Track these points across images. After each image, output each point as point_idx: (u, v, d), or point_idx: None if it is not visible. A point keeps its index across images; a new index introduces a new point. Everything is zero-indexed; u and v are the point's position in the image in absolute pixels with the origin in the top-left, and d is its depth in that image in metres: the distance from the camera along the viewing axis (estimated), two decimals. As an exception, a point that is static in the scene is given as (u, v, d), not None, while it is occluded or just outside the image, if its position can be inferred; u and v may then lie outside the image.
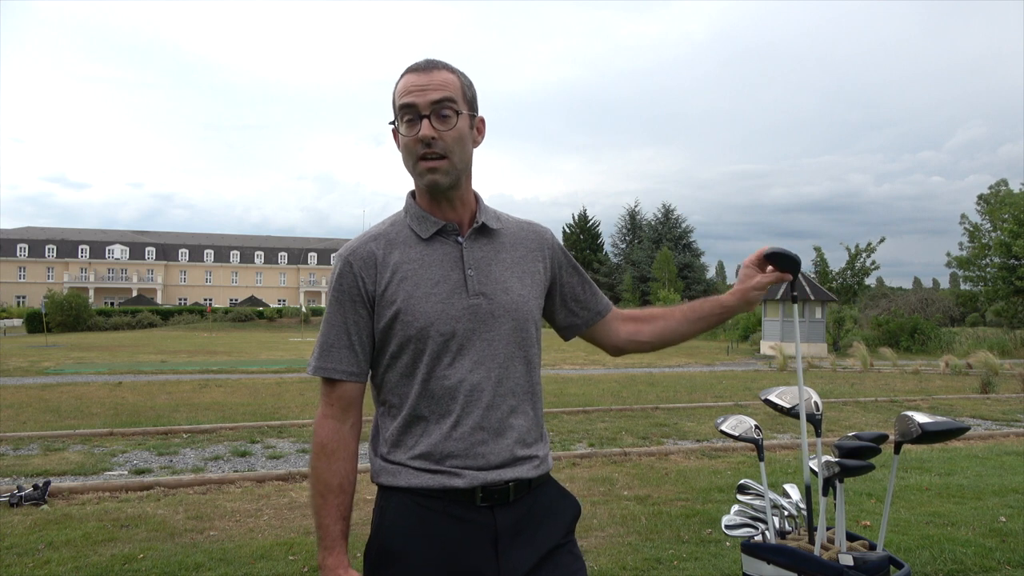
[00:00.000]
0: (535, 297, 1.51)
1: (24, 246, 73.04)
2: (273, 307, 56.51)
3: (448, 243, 1.46)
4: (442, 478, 1.39)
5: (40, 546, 4.01)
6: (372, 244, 1.45)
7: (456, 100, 1.40)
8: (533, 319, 1.49)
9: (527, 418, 1.47)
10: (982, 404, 10.50)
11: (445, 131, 1.38)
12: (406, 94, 1.39)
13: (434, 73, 1.40)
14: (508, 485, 1.41)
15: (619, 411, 9.40)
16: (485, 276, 1.45)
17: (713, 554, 3.91)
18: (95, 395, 10.77)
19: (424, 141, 1.37)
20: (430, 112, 1.37)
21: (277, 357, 19.88)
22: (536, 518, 1.45)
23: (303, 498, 5.08)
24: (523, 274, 1.50)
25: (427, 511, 1.40)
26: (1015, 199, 31.83)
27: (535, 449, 1.48)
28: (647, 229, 56.96)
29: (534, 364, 1.50)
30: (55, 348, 23.32)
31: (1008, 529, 4.31)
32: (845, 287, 31.66)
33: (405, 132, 1.40)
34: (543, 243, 1.57)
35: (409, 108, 1.38)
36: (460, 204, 1.48)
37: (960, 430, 2.21)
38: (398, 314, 1.41)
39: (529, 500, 1.45)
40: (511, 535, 1.41)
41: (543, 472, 1.48)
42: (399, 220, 1.50)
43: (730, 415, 2.75)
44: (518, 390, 1.46)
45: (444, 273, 1.43)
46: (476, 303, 1.42)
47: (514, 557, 1.40)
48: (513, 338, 1.45)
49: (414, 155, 1.40)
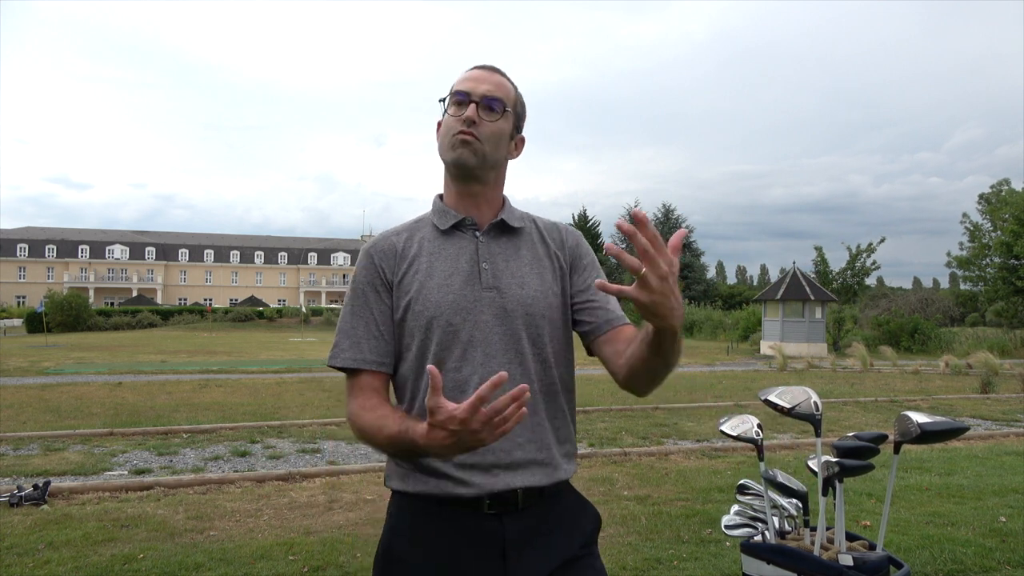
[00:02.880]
0: (555, 294, 1.46)
1: (24, 246, 73.01)
2: (273, 307, 56.48)
3: (466, 236, 1.46)
4: (449, 485, 1.36)
5: (40, 546, 4.01)
6: (394, 238, 1.49)
7: (505, 103, 1.45)
8: (550, 316, 1.44)
9: (543, 419, 1.42)
10: (982, 404, 10.49)
11: (488, 120, 1.42)
12: (463, 82, 1.45)
13: (495, 75, 1.47)
14: (517, 492, 1.36)
15: (619, 411, 9.40)
16: (500, 270, 1.44)
17: (713, 554, 3.91)
18: (95, 395, 10.77)
19: (466, 122, 1.41)
20: (479, 100, 1.42)
21: (277, 357, 19.88)
22: (549, 528, 1.40)
23: (303, 498, 5.08)
24: (543, 270, 1.47)
25: (433, 518, 1.38)
26: (1016, 199, 31.80)
27: (551, 453, 1.42)
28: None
29: (552, 363, 1.44)
30: (55, 348, 23.32)
31: (1008, 529, 4.31)
32: (845, 287, 31.64)
33: (452, 112, 1.44)
34: (564, 242, 1.54)
35: (462, 94, 1.43)
36: (485, 203, 1.49)
37: (960, 430, 2.21)
38: (410, 303, 1.41)
39: (542, 508, 1.40)
40: (520, 545, 1.36)
41: (558, 480, 1.42)
42: (424, 218, 1.53)
43: (733, 415, 2.75)
44: (534, 388, 1.39)
45: (458, 265, 1.43)
46: (489, 296, 1.41)
47: (523, 568, 1.35)
48: (527, 334, 1.41)
49: (452, 132, 1.42)
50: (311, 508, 4.83)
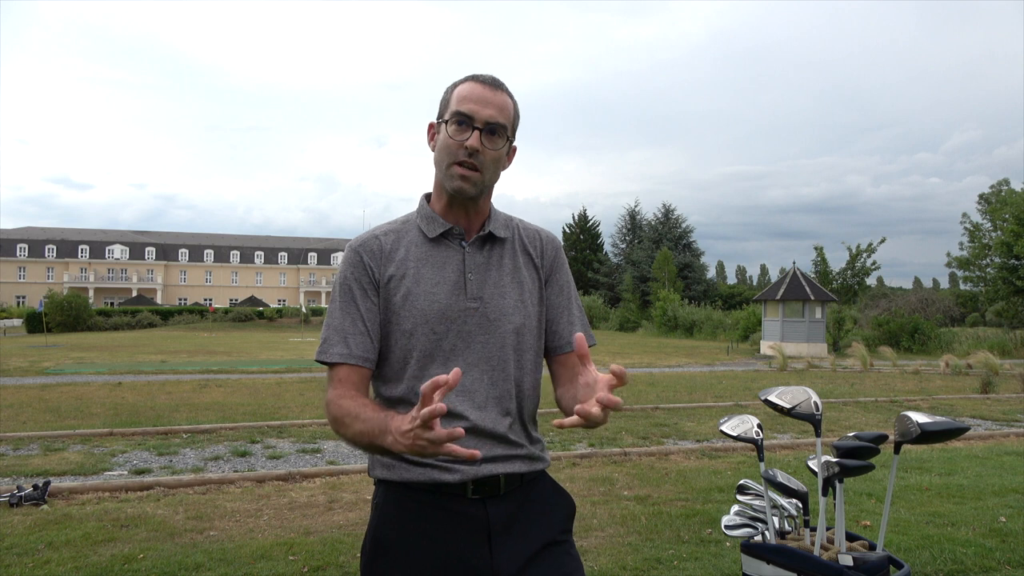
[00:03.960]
0: (533, 304, 1.53)
1: (24, 246, 73.01)
2: (273, 307, 56.46)
3: (452, 246, 1.49)
4: (434, 472, 1.42)
5: (40, 546, 4.00)
6: (382, 237, 1.50)
7: (508, 128, 1.46)
8: (528, 326, 1.51)
9: (520, 423, 1.50)
10: (982, 404, 10.49)
11: (490, 149, 1.43)
12: (467, 101, 1.42)
13: (499, 93, 1.45)
14: (499, 478, 1.44)
15: (619, 411, 9.40)
16: (484, 281, 1.48)
17: (713, 554, 3.91)
18: (95, 395, 10.76)
19: (468, 151, 1.41)
20: (483, 127, 1.41)
21: (277, 357, 19.87)
22: (529, 513, 1.48)
23: (303, 498, 5.08)
24: (523, 280, 1.53)
25: (420, 504, 1.43)
26: (1016, 199, 31.77)
27: (526, 450, 1.50)
28: (647, 229, 56.91)
29: (528, 369, 1.51)
30: (55, 348, 23.31)
31: (1008, 529, 4.31)
32: (845, 287, 31.64)
33: (452, 134, 1.43)
34: (545, 247, 1.59)
35: (465, 116, 1.42)
36: (474, 213, 1.52)
37: (959, 430, 2.21)
38: (397, 309, 1.44)
39: (521, 494, 1.48)
40: (504, 529, 1.43)
41: (536, 468, 1.51)
42: (410, 219, 1.55)
43: (733, 415, 2.75)
44: (512, 394, 1.48)
45: (444, 274, 1.47)
46: (472, 307, 1.46)
47: (507, 550, 1.42)
48: (507, 343, 1.47)
49: (453, 157, 1.43)
50: (311, 508, 4.83)
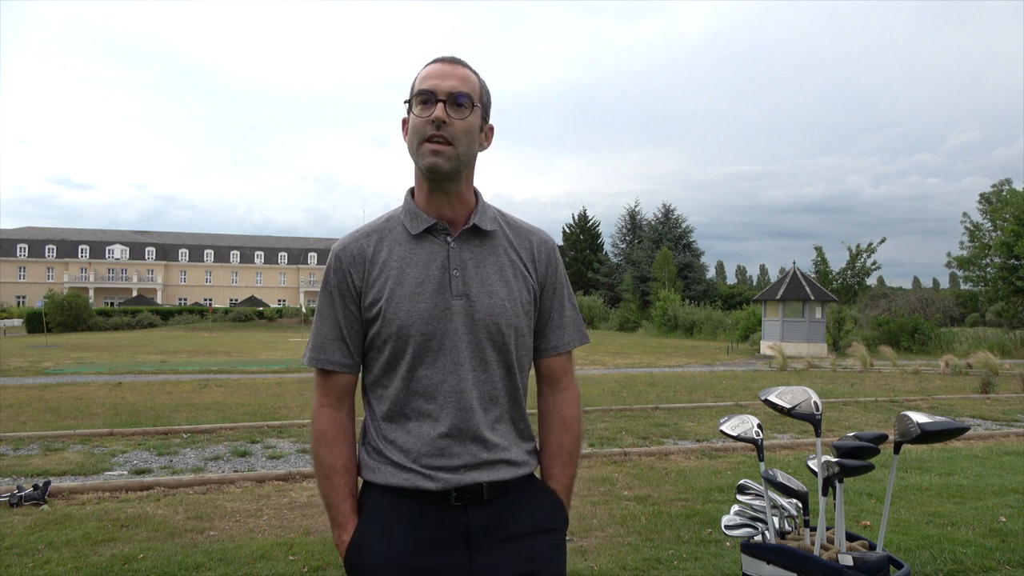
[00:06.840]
0: (520, 303, 1.48)
1: (24, 246, 72.97)
2: (273, 307, 56.40)
3: (437, 242, 1.46)
4: (417, 479, 1.40)
5: (40, 546, 4.00)
6: (363, 240, 1.47)
7: (473, 97, 1.42)
8: (516, 324, 1.47)
9: (508, 422, 1.48)
10: (982, 404, 10.49)
11: (457, 119, 1.40)
12: (428, 79, 1.41)
13: (458, 67, 1.43)
14: (482, 486, 1.42)
15: (619, 411, 9.39)
16: (470, 278, 1.44)
17: (713, 554, 3.91)
18: (95, 395, 10.76)
19: (435, 123, 1.38)
20: (446, 98, 1.39)
21: (277, 357, 19.86)
22: (513, 514, 1.46)
23: (303, 498, 5.08)
24: (509, 278, 1.48)
25: (400, 510, 1.42)
26: (1017, 199, 31.75)
27: (514, 453, 1.47)
28: (647, 229, 56.88)
29: (516, 369, 1.49)
30: (55, 348, 23.30)
31: (1008, 529, 4.31)
32: (845, 287, 31.62)
33: (418, 113, 1.41)
34: (537, 252, 1.54)
35: (427, 92, 1.40)
36: (457, 201, 1.47)
37: (959, 430, 2.21)
38: (380, 311, 1.43)
39: (507, 499, 1.46)
40: (485, 533, 1.41)
41: (522, 473, 1.48)
42: (395, 216, 1.51)
43: (733, 415, 2.75)
44: (499, 394, 1.46)
45: (429, 272, 1.43)
46: (459, 304, 1.43)
47: (487, 555, 1.40)
48: (494, 342, 1.45)
49: (421, 135, 1.40)
50: (311, 508, 4.83)
